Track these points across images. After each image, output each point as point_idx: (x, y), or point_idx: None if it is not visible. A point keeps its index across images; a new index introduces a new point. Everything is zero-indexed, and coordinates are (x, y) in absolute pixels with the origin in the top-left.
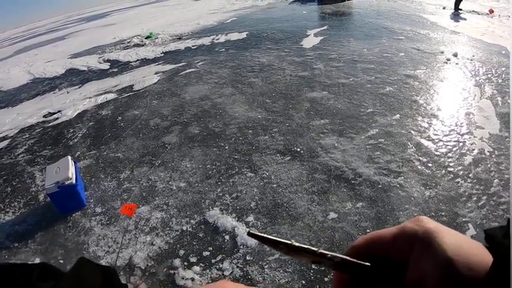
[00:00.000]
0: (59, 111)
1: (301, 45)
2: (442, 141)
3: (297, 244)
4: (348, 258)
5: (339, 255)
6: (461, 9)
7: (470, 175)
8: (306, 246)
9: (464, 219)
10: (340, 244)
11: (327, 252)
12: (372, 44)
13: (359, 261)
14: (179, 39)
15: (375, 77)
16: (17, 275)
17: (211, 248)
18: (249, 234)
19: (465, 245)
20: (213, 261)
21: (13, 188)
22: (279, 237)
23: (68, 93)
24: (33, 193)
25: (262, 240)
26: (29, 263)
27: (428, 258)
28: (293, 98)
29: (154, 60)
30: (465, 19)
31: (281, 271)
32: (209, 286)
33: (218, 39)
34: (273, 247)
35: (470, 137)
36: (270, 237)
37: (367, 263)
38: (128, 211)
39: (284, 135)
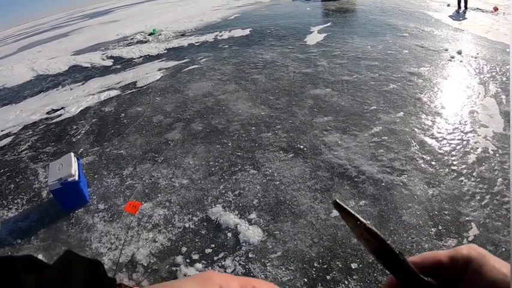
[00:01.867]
0: (62, 108)
1: (305, 42)
2: (445, 139)
3: (373, 229)
4: (413, 268)
5: (408, 260)
6: (466, 8)
7: (473, 174)
8: (379, 235)
9: (467, 218)
10: (342, 242)
11: (395, 249)
12: (376, 41)
13: (423, 276)
14: (182, 35)
15: (378, 74)
16: (1, 267)
17: (213, 245)
18: (334, 203)
19: None
20: (215, 258)
21: (16, 184)
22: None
23: (71, 90)
24: (36, 190)
25: (344, 212)
26: (13, 255)
27: (482, 278)
28: (296, 94)
29: (158, 57)
30: (469, 17)
31: (283, 269)
32: (196, 276)
33: (221, 35)
34: (351, 223)
35: (474, 136)
36: (353, 212)
37: (431, 279)
38: (132, 209)
39: (287, 132)
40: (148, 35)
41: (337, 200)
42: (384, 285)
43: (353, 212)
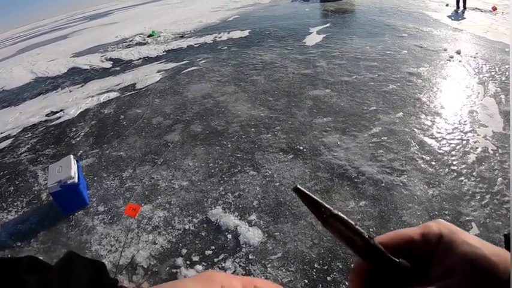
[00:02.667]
0: (61, 110)
1: (304, 42)
2: (445, 139)
3: (339, 214)
4: (383, 250)
5: (377, 243)
6: (465, 8)
7: (473, 173)
8: (347, 219)
9: (467, 218)
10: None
11: (364, 233)
12: (375, 41)
13: (394, 258)
14: (181, 37)
15: (377, 74)
16: (4, 268)
17: (213, 247)
18: (295, 189)
19: (487, 244)
20: (215, 260)
21: (16, 187)
22: (324, 201)
23: (70, 92)
24: (35, 192)
25: (305, 199)
26: (17, 256)
27: (455, 253)
28: (296, 96)
29: (157, 59)
30: (468, 16)
31: (283, 270)
32: (197, 276)
33: (220, 37)
34: (313, 210)
35: (473, 135)
36: (314, 197)
37: (402, 260)
38: (132, 212)
39: (287, 133)
40: (148, 36)
41: (298, 186)
42: (353, 269)
43: (316, 198)
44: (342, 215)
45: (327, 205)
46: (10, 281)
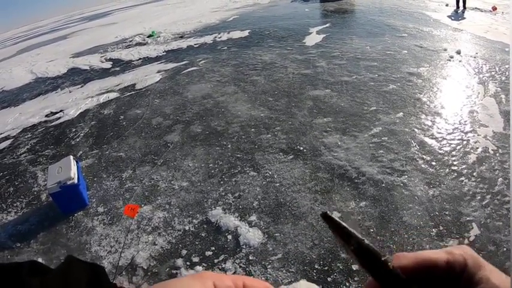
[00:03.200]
0: (61, 111)
1: (304, 43)
2: (445, 139)
3: (369, 245)
4: (402, 276)
5: (398, 270)
6: (465, 8)
7: (474, 174)
8: (377, 252)
9: (468, 219)
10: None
11: (390, 265)
12: (375, 41)
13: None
14: (181, 37)
15: (377, 74)
16: (7, 271)
17: (213, 248)
18: (323, 215)
19: (507, 281)
20: (215, 261)
21: (15, 187)
22: (353, 231)
23: (70, 92)
24: (35, 193)
25: (334, 226)
26: (19, 261)
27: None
28: (296, 96)
29: (157, 59)
30: (468, 16)
31: (284, 271)
32: (190, 275)
33: (220, 37)
34: (341, 240)
35: (474, 135)
36: (345, 226)
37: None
38: (130, 212)
39: (287, 133)
40: (147, 37)
41: (328, 212)
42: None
43: (345, 225)
44: (371, 246)
45: (357, 234)
46: (14, 283)
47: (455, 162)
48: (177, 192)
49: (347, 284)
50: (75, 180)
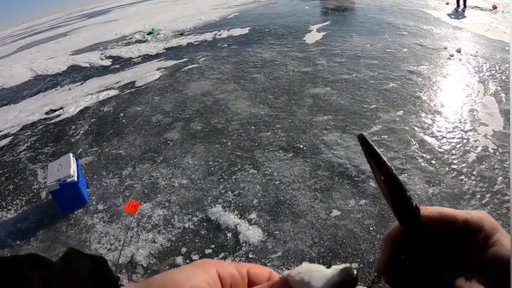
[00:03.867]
0: (60, 108)
1: (304, 40)
2: (445, 138)
3: (398, 178)
4: (423, 225)
5: (420, 213)
6: (465, 6)
7: (474, 172)
8: (402, 185)
9: None
10: (343, 242)
11: (413, 202)
12: (375, 39)
13: (428, 234)
14: (181, 35)
15: (378, 72)
16: (7, 264)
17: (213, 246)
18: (360, 137)
19: None
20: (215, 258)
21: (15, 185)
22: (386, 161)
23: (69, 90)
24: (35, 190)
25: (369, 150)
26: (20, 254)
27: (491, 251)
28: (296, 93)
29: (156, 56)
30: (468, 15)
31: (284, 269)
32: (193, 263)
33: (220, 34)
34: (374, 164)
35: (474, 134)
36: (378, 152)
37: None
38: (131, 209)
39: (287, 131)
40: (147, 34)
41: (364, 135)
42: (387, 232)
43: (379, 152)
44: (399, 179)
45: (388, 163)
46: (15, 277)
47: (455, 161)
48: (176, 190)
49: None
50: (75, 178)
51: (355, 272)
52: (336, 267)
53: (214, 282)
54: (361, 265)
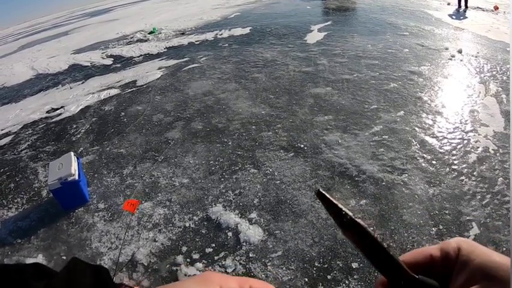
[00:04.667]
0: (62, 107)
1: (305, 40)
2: (446, 138)
3: (359, 223)
4: (404, 266)
5: (397, 258)
6: (467, 7)
7: (474, 173)
8: (367, 230)
9: (468, 218)
10: (343, 242)
11: (384, 246)
12: (376, 39)
13: (414, 274)
14: (182, 34)
15: (379, 73)
16: (11, 274)
17: (214, 245)
18: (317, 193)
19: (504, 256)
20: (215, 258)
21: (16, 184)
22: (344, 207)
23: (71, 88)
24: (36, 189)
25: (327, 203)
26: (23, 263)
27: (474, 263)
28: (297, 93)
29: (158, 56)
30: (470, 15)
31: (284, 268)
32: (196, 277)
33: (221, 34)
34: (333, 215)
35: (474, 135)
36: (335, 202)
37: (422, 277)
38: (130, 207)
39: (287, 131)
40: (149, 33)
41: (320, 189)
42: (376, 282)
43: (336, 203)
44: (362, 223)
45: (348, 211)
46: (18, 287)
47: (455, 162)
48: (177, 189)
49: (346, 281)
50: (76, 177)
51: None
52: None
53: None
54: (361, 265)
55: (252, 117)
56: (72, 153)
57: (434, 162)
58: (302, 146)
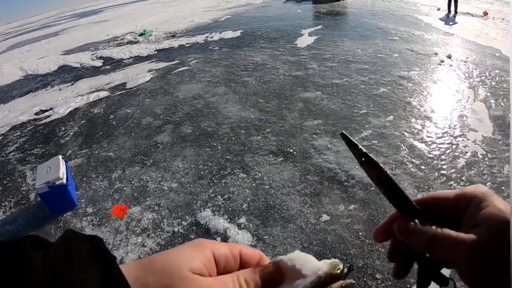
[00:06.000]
0: (50, 109)
1: (296, 44)
2: (435, 143)
3: (374, 159)
4: (404, 192)
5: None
6: (456, 12)
7: (463, 178)
8: (378, 164)
9: None
10: (332, 247)
11: (392, 178)
12: (366, 44)
13: (416, 205)
14: (173, 36)
15: (368, 77)
16: (9, 246)
17: None
18: (342, 135)
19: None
20: None
21: (4, 187)
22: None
23: (60, 90)
24: (24, 192)
25: (349, 142)
26: (21, 237)
27: (480, 212)
28: (286, 98)
29: (148, 58)
30: (459, 21)
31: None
32: (188, 243)
33: (212, 37)
34: (353, 151)
35: (463, 140)
36: (354, 141)
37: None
38: (119, 213)
39: (277, 135)
40: (139, 35)
41: (344, 132)
42: (375, 230)
43: (355, 141)
44: (376, 162)
45: (362, 148)
46: (17, 258)
47: (444, 166)
48: (166, 194)
49: None
50: (64, 181)
51: (341, 266)
52: (326, 261)
53: (210, 264)
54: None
55: (242, 121)
56: (60, 157)
57: (423, 167)
58: (291, 150)
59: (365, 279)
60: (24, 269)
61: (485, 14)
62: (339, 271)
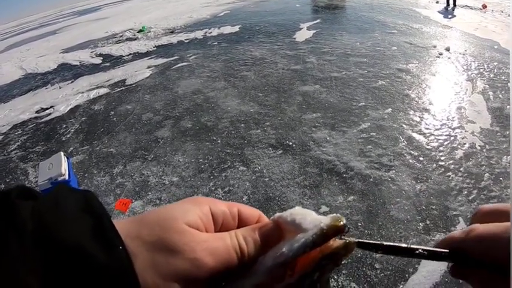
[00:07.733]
0: (51, 107)
1: (294, 38)
2: (433, 135)
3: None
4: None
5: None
6: (455, 5)
7: (461, 169)
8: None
9: (454, 213)
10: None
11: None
12: (365, 37)
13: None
14: (172, 32)
15: (367, 70)
16: None
17: None
18: (357, 243)
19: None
20: None
21: (6, 184)
22: (390, 243)
23: (60, 88)
24: None
25: (368, 248)
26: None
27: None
28: (285, 91)
29: (147, 54)
30: (458, 14)
31: None
32: (186, 199)
33: (211, 32)
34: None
35: (461, 131)
36: (370, 242)
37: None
38: (122, 206)
39: (276, 129)
40: (138, 32)
41: (359, 240)
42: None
43: (370, 241)
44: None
45: (376, 242)
46: (4, 207)
47: (442, 158)
48: (167, 188)
49: (335, 277)
50: (66, 177)
51: (344, 220)
52: (328, 215)
53: (207, 219)
54: (349, 260)
55: (241, 115)
56: (62, 153)
57: (421, 158)
58: (290, 143)
59: (364, 269)
60: (11, 220)
61: (484, 6)
62: (341, 223)
